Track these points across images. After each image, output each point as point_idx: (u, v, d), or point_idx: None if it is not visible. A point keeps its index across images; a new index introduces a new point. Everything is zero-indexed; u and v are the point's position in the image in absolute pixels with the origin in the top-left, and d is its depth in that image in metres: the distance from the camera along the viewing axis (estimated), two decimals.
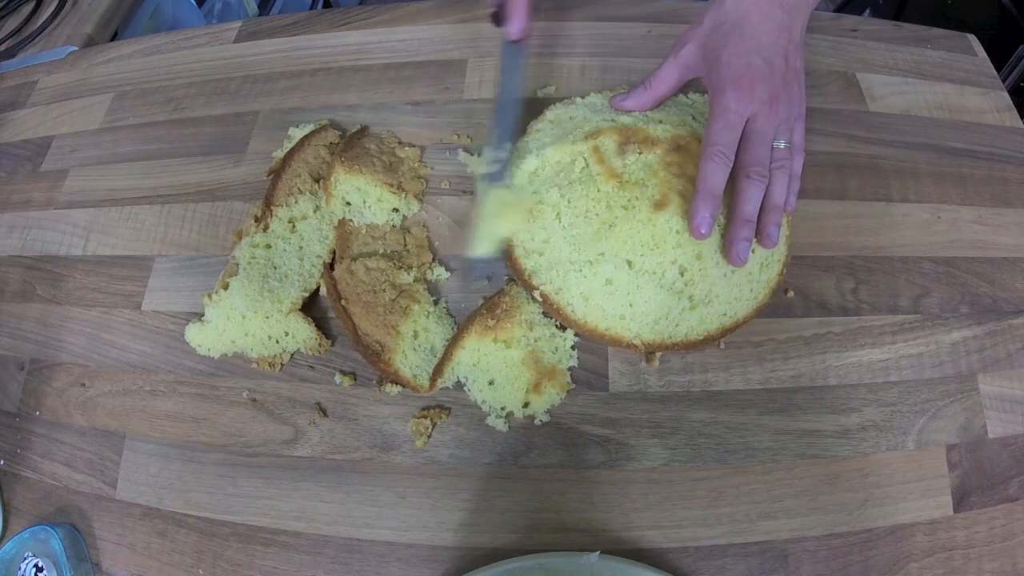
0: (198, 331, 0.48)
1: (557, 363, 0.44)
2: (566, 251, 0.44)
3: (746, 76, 0.43)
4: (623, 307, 0.43)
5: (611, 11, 0.62)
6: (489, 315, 0.44)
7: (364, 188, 0.50)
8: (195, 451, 0.46)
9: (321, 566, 0.41)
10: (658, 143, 0.45)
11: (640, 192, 0.43)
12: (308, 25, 0.66)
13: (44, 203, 0.59)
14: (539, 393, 0.43)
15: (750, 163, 0.42)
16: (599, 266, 0.43)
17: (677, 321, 0.44)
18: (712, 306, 0.44)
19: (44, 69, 0.71)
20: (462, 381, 0.45)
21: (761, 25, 0.44)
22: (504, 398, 0.44)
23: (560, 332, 0.45)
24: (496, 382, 0.44)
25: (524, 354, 0.44)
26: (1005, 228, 0.50)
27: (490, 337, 0.44)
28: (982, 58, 0.59)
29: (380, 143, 0.54)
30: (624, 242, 0.43)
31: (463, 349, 0.44)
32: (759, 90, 0.42)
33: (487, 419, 0.43)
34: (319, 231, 0.50)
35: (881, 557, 0.39)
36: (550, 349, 0.45)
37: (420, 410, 0.44)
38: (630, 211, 0.43)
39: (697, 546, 0.40)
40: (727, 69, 0.43)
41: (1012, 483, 0.41)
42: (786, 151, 0.44)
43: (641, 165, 0.45)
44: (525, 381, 0.43)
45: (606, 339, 0.44)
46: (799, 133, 0.46)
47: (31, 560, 0.43)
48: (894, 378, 0.44)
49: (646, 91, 0.49)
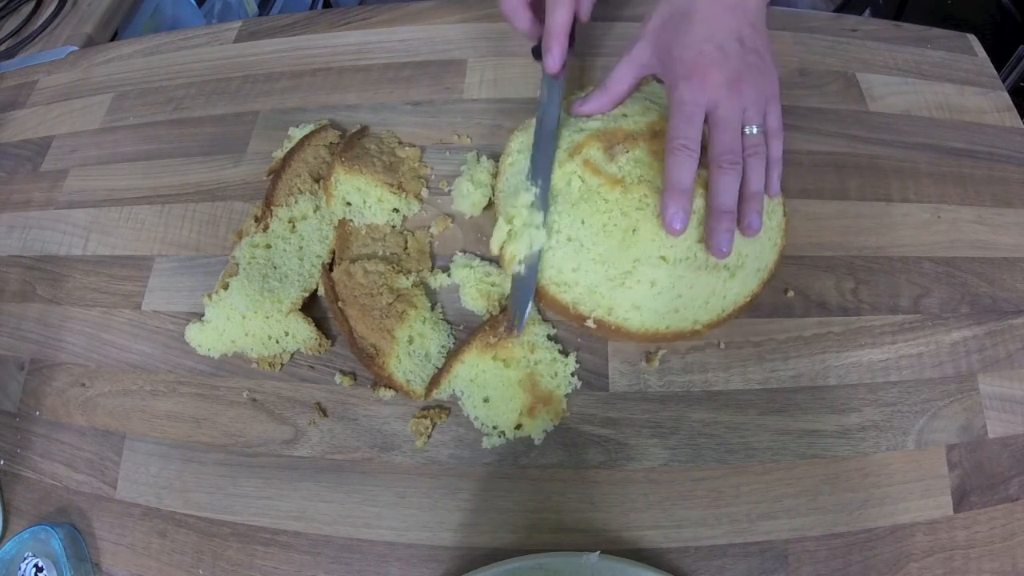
0: (198, 331, 0.48)
1: (555, 388, 0.43)
2: (600, 271, 0.43)
3: (697, 66, 0.42)
4: (674, 301, 0.43)
5: (611, 11, 0.62)
6: (492, 332, 0.44)
7: (364, 188, 0.50)
8: (195, 451, 0.46)
9: (321, 566, 0.41)
10: (639, 136, 0.45)
11: (647, 188, 0.43)
12: (308, 25, 0.66)
13: (44, 203, 0.59)
14: (532, 417, 0.43)
15: (719, 152, 0.41)
16: (637, 273, 0.43)
17: (724, 293, 0.44)
18: (746, 267, 0.44)
19: (44, 69, 0.71)
20: (458, 395, 0.44)
21: (710, 11, 0.43)
22: (497, 417, 0.43)
23: (562, 358, 0.44)
24: (491, 400, 0.43)
25: (522, 375, 0.43)
26: (1005, 228, 0.50)
27: (490, 354, 0.44)
28: (982, 58, 0.59)
29: (380, 143, 0.54)
30: (651, 241, 0.42)
31: (462, 363, 0.43)
32: (712, 77, 0.41)
33: (483, 440, 0.43)
34: (319, 231, 0.50)
35: (881, 557, 0.39)
36: (549, 373, 0.44)
37: (420, 410, 0.44)
38: (644, 210, 0.43)
39: (697, 546, 0.40)
40: (678, 63, 0.43)
41: (1012, 483, 0.41)
42: (759, 136, 0.42)
43: (633, 162, 0.45)
44: (520, 403, 0.43)
45: (669, 337, 0.44)
46: (774, 115, 0.44)
47: (31, 560, 0.43)
48: (894, 378, 0.44)
49: (604, 94, 0.48)
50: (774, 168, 0.44)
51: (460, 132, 0.55)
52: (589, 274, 0.43)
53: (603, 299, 0.43)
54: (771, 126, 0.44)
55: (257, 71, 0.63)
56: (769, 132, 0.44)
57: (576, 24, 0.49)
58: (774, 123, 0.44)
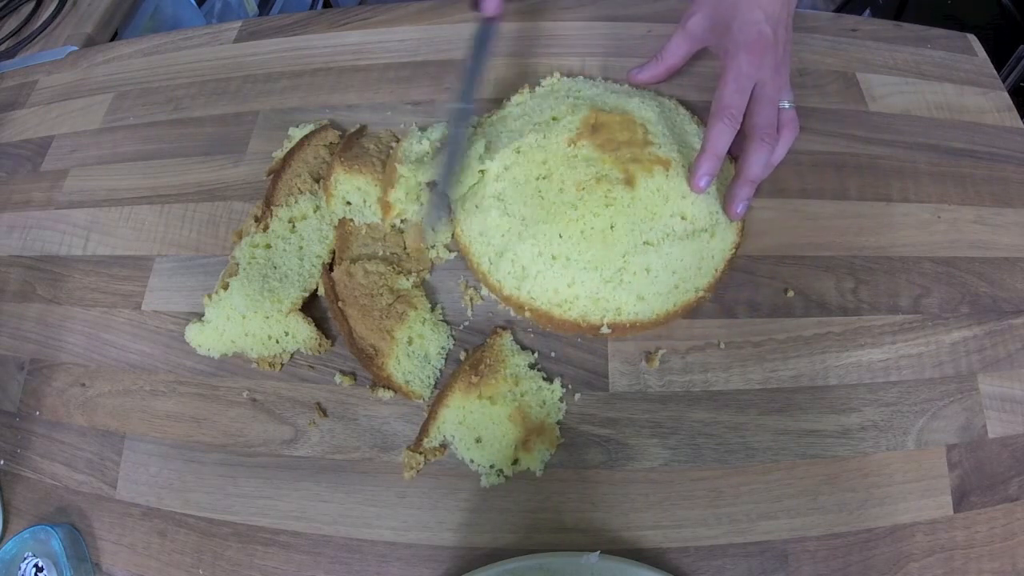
0: (198, 331, 0.48)
1: (546, 417, 0.43)
2: (595, 277, 0.44)
3: (758, 43, 0.45)
4: (672, 278, 0.44)
5: (611, 11, 0.62)
6: (473, 371, 0.43)
7: (364, 188, 0.50)
8: (195, 451, 0.46)
9: (321, 566, 0.41)
10: (580, 135, 0.47)
11: (608, 183, 0.44)
12: (308, 25, 0.66)
13: (44, 203, 0.59)
14: (528, 451, 0.42)
15: (762, 125, 0.45)
16: (630, 265, 0.43)
17: (712, 253, 0.46)
18: (720, 222, 0.46)
19: (44, 69, 0.71)
20: (448, 439, 0.43)
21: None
22: (492, 456, 0.42)
23: (548, 385, 0.44)
24: (484, 440, 0.42)
25: (511, 410, 0.43)
26: (1005, 228, 0.50)
27: (475, 394, 0.43)
28: (982, 58, 0.59)
29: (378, 142, 0.54)
30: (631, 231, 0.44)
31: (448, 407, 0.43)
32: (768, 57, 0.46)
33: (480, 480, 0.42)
34: (319, 231, 0.50)
35: (881, 557, 0.39)
36: (537, 403, 0.43)
37: (417, 444, 0.43)
38: (614, 205, 0.44)
39: (697, 546, 0.40)
40: (740, 34, 0.46)
41: (1012, 483, 0.41)
42: (791, 111, 0.48)
43: (584, 163, 0.46)
44: (513, 438, 0.42)
45: (680, 313, 0.45)
46: (788, 91, 0.49)
47: (31, 560, 0.43)
48: (894, 378, 0.44)
49: (659, 64, 0.53)
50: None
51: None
52: (586, 284, 0.44)
53: (608, 302, 0.44)
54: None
55: (257, 71, 0.63)
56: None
57: None
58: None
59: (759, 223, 0.49)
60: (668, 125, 0.49)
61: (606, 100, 0.51)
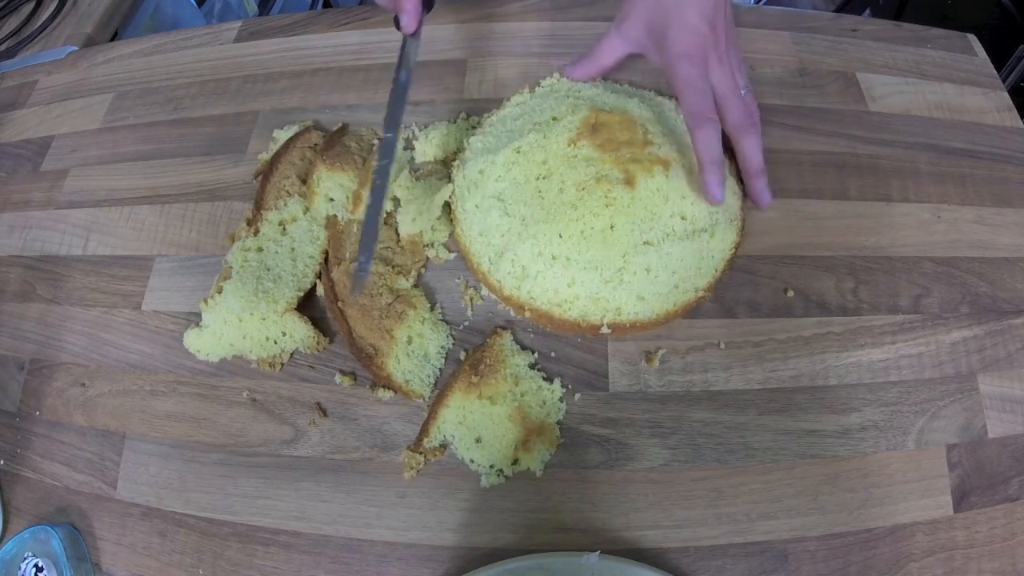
0: (196, 336, 0.48)
1: (546, 417, 0.43)
2: (595, 277, 0.44)
3: (697, 47, 0.45)
4: (672, 278, 0.44)
5: (611, 11, 0.61)
6: (472, 371, 0.43)
7: (346, 185, 0.50)
8: (195, 451, 0.46)
9: (321, 566, 0.41)
10: (580, 135, 0.47)
11: (607, 183, 0.44)
12: (308, 25, 0.66)
13: (44, 203, 0.59)
14: (528, 451, 0.42)
15: (739, 122, 0.46)
16: (630, 265, 0.43)
17: (711, 253, 0.46)
18: (720, 221, 0.46)
19: (44, 69, 0.71)
20: (448, 440, 0.43)
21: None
22: (492, 456, 0.42)
23: (548, 385, 0.44)
24: (483, 440, 0.42)
25: (511, 410, 0.43)
26: (1005, 228, 0.50)
27: (475, 394, 0.43)
28: (982, 58, 0.59)
29: (360, 140, 0.54)
30: (631, 231, 0.44)
31: (447, 407, 0.43)
32: (711, 55, 0.46)
33: (480, 480, 0.42)
34: (310, 232, 0.50)
35: (881, 557, 0.39)
36: (537, 403, 0.43)
37: (417, 444, 0.43)
38: (614, 205, 0.44)
39: (697, 546, 0.40)
40: (677, 44, 0.45)
41: (1012, 483, 0.41)
42: (750, 95, 0.48)
43: (584, 162, 0.46)
44: (513, 438, 0.42)
45: (680, 313, 0.45)
46: (742, 75, 0.49)
47: (31, 560, 0.43)
48: (894, 378, 0.44)
49: (592, 62, 0.52)
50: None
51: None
52: (586, 284, 0.44)
53: (608, 302, 0.44)
54: (743, 85, 0.48)
55: (257, 71, 0.63)
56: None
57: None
58: (744, 81, 0.49)
59: (759, 223, 0.49)
60: (668, 125, 0.49)
61: (606, 100, 0.51)
